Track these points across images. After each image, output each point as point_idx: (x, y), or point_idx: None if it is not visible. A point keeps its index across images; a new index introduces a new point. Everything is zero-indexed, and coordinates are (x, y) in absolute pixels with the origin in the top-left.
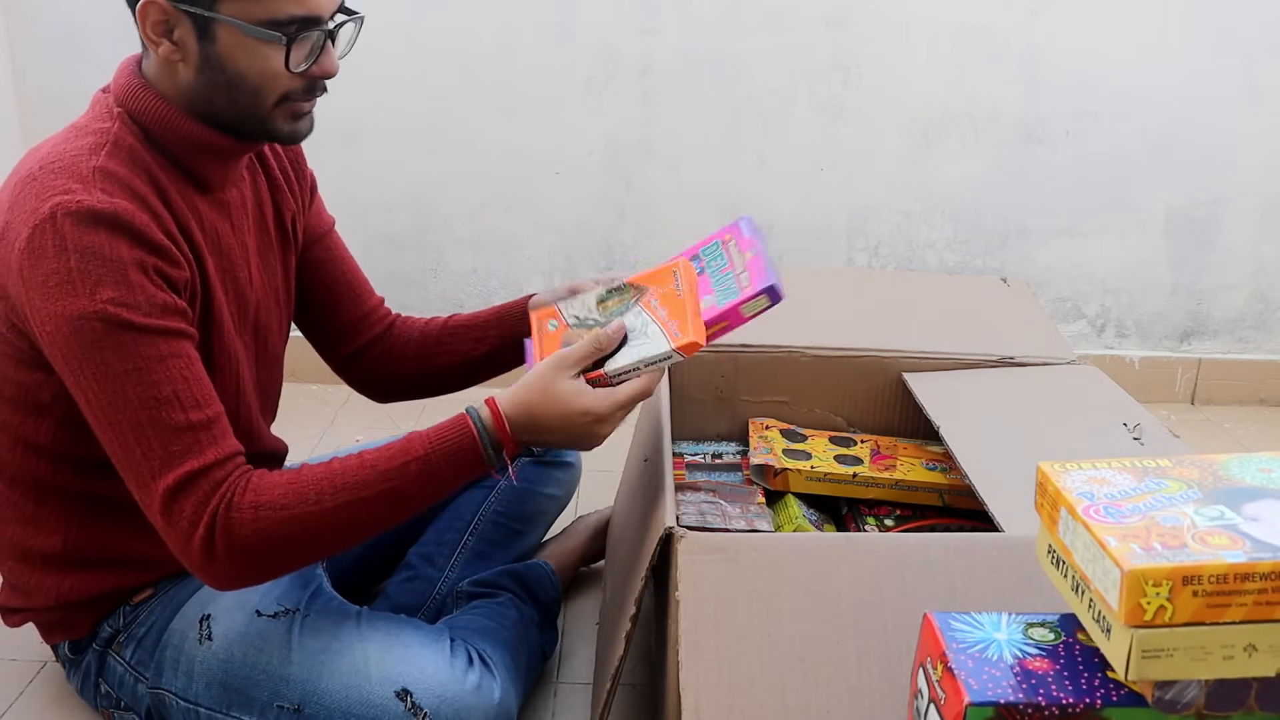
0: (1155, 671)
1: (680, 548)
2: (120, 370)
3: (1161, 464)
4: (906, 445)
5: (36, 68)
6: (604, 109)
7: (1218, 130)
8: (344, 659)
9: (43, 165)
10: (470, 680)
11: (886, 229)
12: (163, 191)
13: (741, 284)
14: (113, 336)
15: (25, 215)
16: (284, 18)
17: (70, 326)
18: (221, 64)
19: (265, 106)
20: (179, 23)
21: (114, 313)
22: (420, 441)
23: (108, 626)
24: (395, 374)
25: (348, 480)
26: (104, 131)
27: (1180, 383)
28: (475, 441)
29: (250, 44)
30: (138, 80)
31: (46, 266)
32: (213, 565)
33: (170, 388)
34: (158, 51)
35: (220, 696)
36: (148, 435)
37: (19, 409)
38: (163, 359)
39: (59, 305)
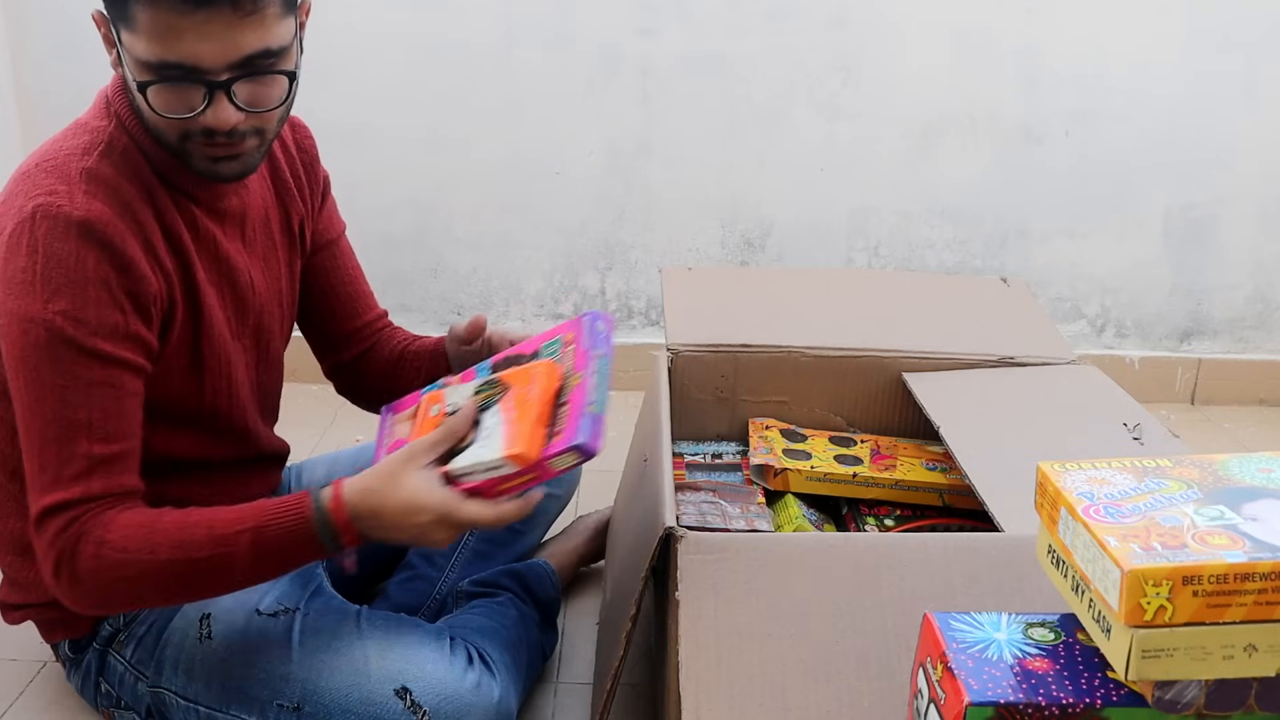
0: (1155, 671)
1: (680, 548)
2: (49, 382)
3: (1161, 464)
4: (906, 445)
5: (36, 68)
6: (604, 109)
7: (1218, 130)
8: (344, 657)
9: (38, 162)
10: (470, 679)
11: (886, 229)
12: (153, 196)
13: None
14: (53, 349)
15: (13, 211)
16: (154, 60)
17: (19, 325)
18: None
19: (171, 142)
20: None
21: (60, 325)
22: (258, 513)
23: (108, 625)
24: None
25: (184, 538)
26: (100, 130)
27: (1180, 383)
28: (309, 524)
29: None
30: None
31: (16, 263)
32: (59, 589)
33: (87, 413)
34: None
35: (220, 695)
36: (50, 451)
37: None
38: (92, 384)
39: (15, 302)
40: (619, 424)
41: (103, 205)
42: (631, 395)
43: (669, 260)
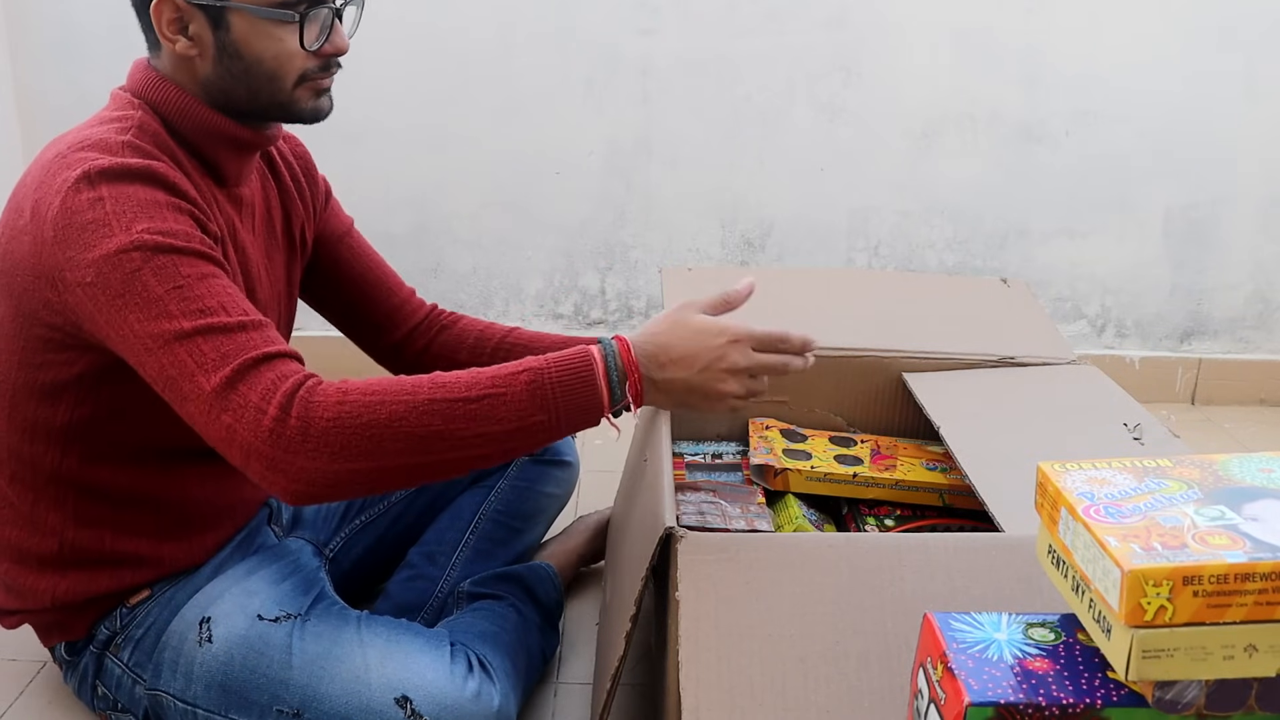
0: (1155, 672)
1: (680, 548)
2: (161, 291)
3: (1161, 464)
4: (906, 445)
5: (36, 68)
6: (604, 109)
7: (1217, 130)
8: (344, 664)
9: (70, 146)
10: (470, 687)
11: (886, 229)
12: (187, 175)
13: None
14: (152, 262)
15: (57, 185)
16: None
17: (110, 264)
18: (239, 51)
19: (285, 89)
20: (193, 18)
21: (151, 239)
22: (537, 358)
23: (104, 629)
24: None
25: (452, 379)
26: (128, 118)
27: (1180, 383)
28: (595, 363)
29: (264, 27)
30: (154, 74)
31: (82, 220)
32: (280, 450)
33: (215, 299)
34: (175, 49)
35: (219, 699)
36: (197, 342)
37: (35, 394)
38: (204, 277)
39: (98, 249)
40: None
41: (155, 161)
42: None
43: (669, 260)
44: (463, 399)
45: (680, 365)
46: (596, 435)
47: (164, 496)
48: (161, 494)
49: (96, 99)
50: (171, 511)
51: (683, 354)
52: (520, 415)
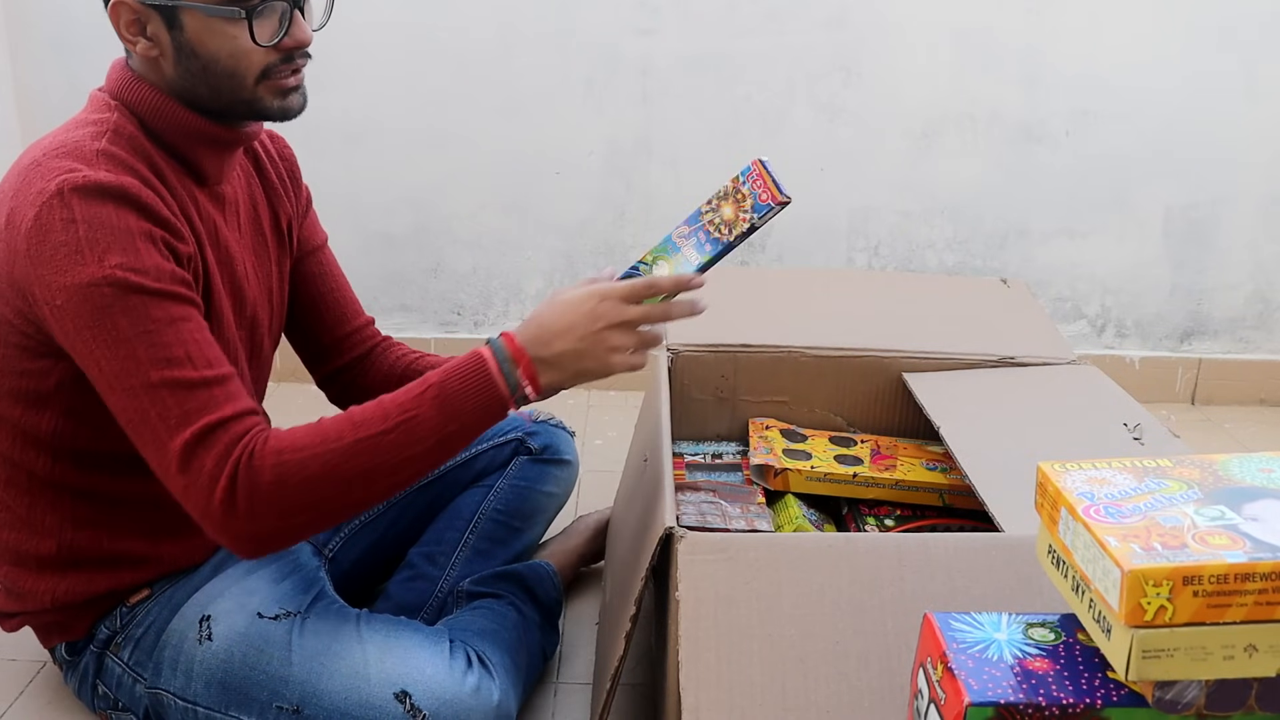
0: (1155, 672)
1: (680, 548)
2: (130, 334)
3: (1161, 464)
4: (906, 445)
5: (36, 66)
6: (604, 109)
7: (1217, 130)
8: (343, 660)
9: (45, 152)
10: (469, 682)
11: (886, 229)
12: (163, 178)
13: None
14: (122, 301)
15: (31, 197)
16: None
17: (80, 295)
18: (194, 50)
19: (247, 86)
20: (149, 18)
21: (123, 277)
22: (436, 373)
23: (104, 628)
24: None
25: (366, 417)
26: (103, 121)
27: (1180, 383)
28: (486, 361)
29: (215, 25)
30: (129, 74)
31: (54, 240)
32: (235, 521)
33: (182, 349)
34: (136, 50)
35: (219, 696)
36: (162, 395)
37: (20, 401)
38: (173, 321)
39: (68, 276)
40: (619, 424)
41: (128, 175)
42: (631, 395)
43: None
44: (381, 432)
45: (563, 338)
46: (596, 435)
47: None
48: (158, 495)
49: None
50: (169, 512)
51: (562, 327)
52: (435, 431)
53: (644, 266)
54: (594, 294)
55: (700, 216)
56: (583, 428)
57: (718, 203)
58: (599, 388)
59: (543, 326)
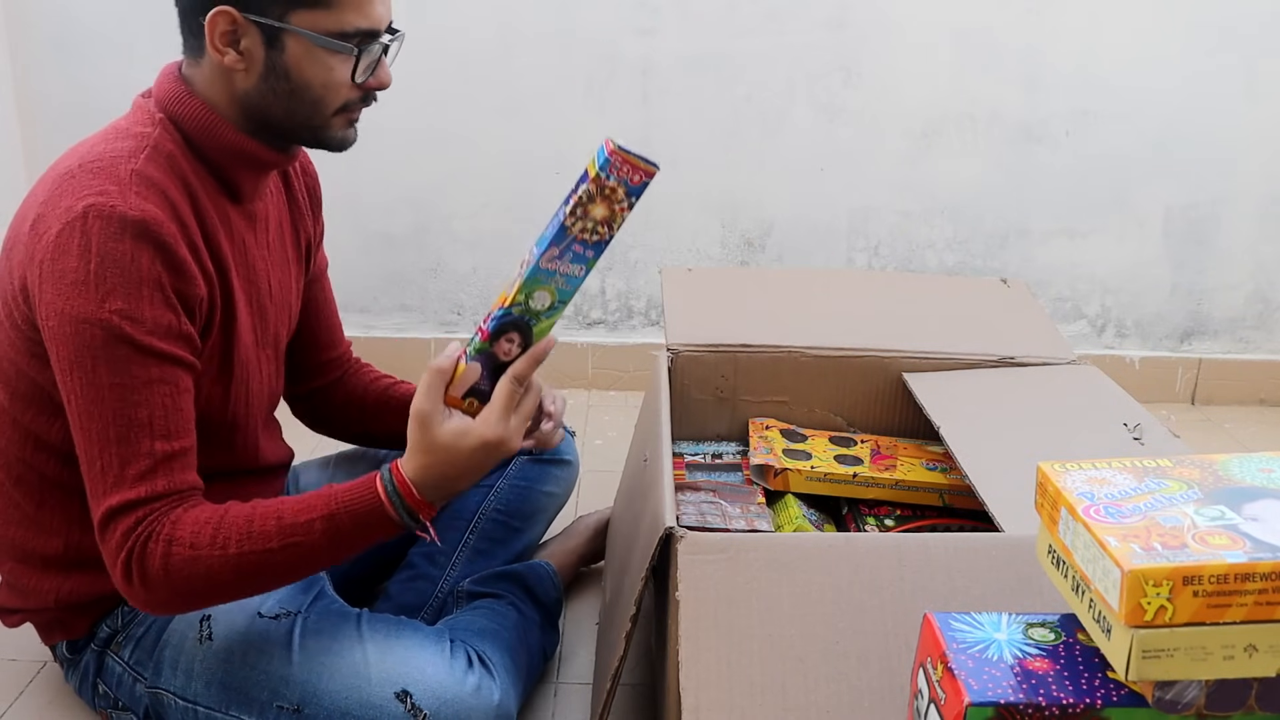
0: (1155, 672)
1: (680, 548)
2: (107, 382)
3: (1161, 464)
4: (906, 445)
5: (37, 67)
6: (604, 109)
7: (1217, 130)
8: (344, 660)
9: (81, 164)
10: (470, 682)
11: (886, 229)
12: (196, 200)
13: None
14: (109, 348)
15: (59, 211)
16: (351, 30)
17: (73, 326)
18: (288, 73)
19: (324, 115)
20: (247, 33)
21: (117, 325)
22: (327, 500)
23: (106, 627)
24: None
25: (255, 529)
26: (144, 136)
27: (1180, 383)
28: (383, 508)
29: (319, 54)
30: (182, 87)
31: (67, 263)
32: (132, 592)
33: (148, 412)
34: (222, 60)
35: (220, 696)
36: (111, 451)
37: (31, 405)
38: (150, 382)
39: (68, 303)
40: (619, 424)
41: (155, 206)
42: (632, 395)
43: (669, 260)
44: (267, 550)
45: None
46: (596, 435)
47: None
48: None
49: (96, 96)
50: None
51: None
52: (323, 554)
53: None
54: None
55: (566, 232)
56: (583, 428)
57: (583, 209)
58: (599, 388)
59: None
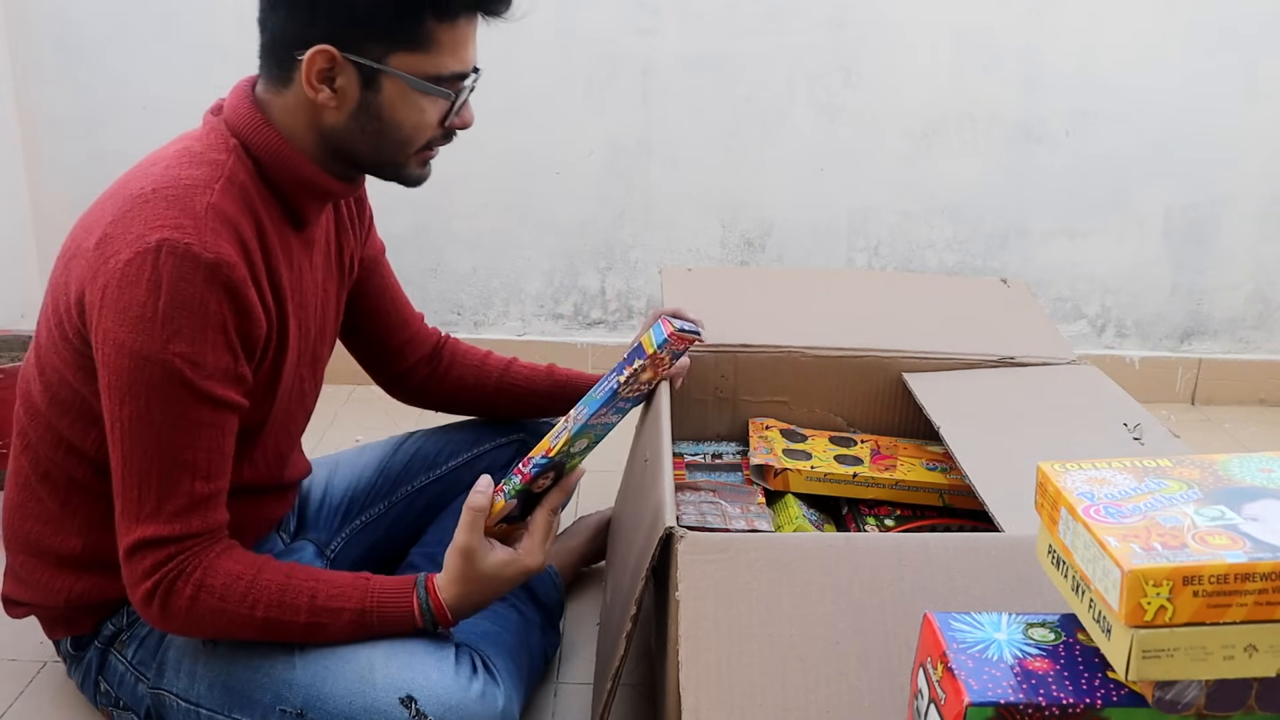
0: (1155, 672)
1: (680, 548)
2: (160, 420)
3: (1161, 464)
4: (906, 445)
5: (37, 68)
6: (604, 109)
7: (1217, 130)
8: (349, 664)
9: (156, 189)
10: (475, 688)
11: (886, 229)
12: (263, 233)
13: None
14: (166, 388)
15: (131, 238)
16: (447, 73)
17: (131, 360)
18: (380, 113)
19: (408, 153)
20: (344, 71)
21: (179, 368)
22: (362, 596)
23: (110, 625)
24: (448, 400)
25: (288, 600)
26: (219, 164)
27: (1180, 383)
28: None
29: (414, 97)
30: (258, 114)
31: (134, 296)
32: (146, 613)
33: (193, 453)
34: (315, 97)
35: (222, 698)
36: (151, 485)
37: (69, 412)
38: (200, 425)
39: (130, 336)
40: (620, 425)
41: (230, 246)
42: None
43: (669, 260)
44: (292, 621)
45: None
46: None
47: None
48: None
49: (96, 98)
50: None
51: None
52: (339, 638)
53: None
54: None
55: (616, 395)
56: None
57: (635, 377)
58: None
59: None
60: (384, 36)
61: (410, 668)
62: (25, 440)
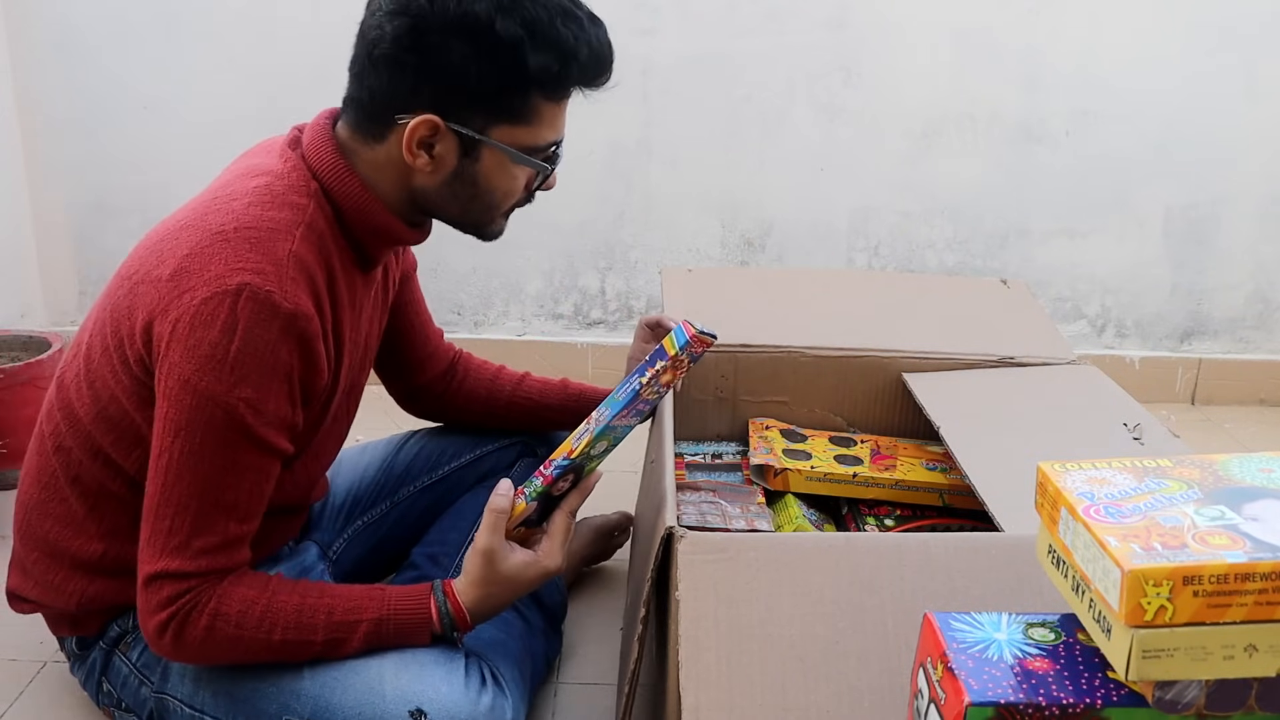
0: (1155, 672)
1: (680, 548)
2: (210, 459)
3: (1161, 464)
4: (906, 445)
5: (37, 68)
6: (604, 109)
7: (1217, 130)
8: (358, 675)
9: (238, 228)
10: (484, 702)
11: (886, 229)
12: (333, 281)
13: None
14: (225, 431)
15: (210, 276)
16: (543, 144)
17: (194, 398)
18: (475, 180)
19: (496, 215)
20: (444, 139)
21: (242, 413)
22: (379, 605)
23: (116, 626)
24: (460, 414)
25: (305, 621)
26: (301, 209)
27: (1180, 383)
28: (432, 623)
29: (510, 167)
30: (342, 161)
31: (208, 335)
32: (158, 646)
33: (235, 495)
34: (413, 162)
35: (228, 706)
36: (186, 519)
37: (114, 430)
38: (249, 469)
39: (197, 375)
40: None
41: (307, 298)
42: None
43: (669, 260)
44: (309, 641)
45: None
46: None
47: None
48: None
49: (96, 98)
50: None
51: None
52: (354, 651)
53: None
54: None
55: (637, 396)
56: None
57: (656, 378)
58: None
59: (490, 598)
60: (489, 109)
61: (420, 680)
62: (58, 442)
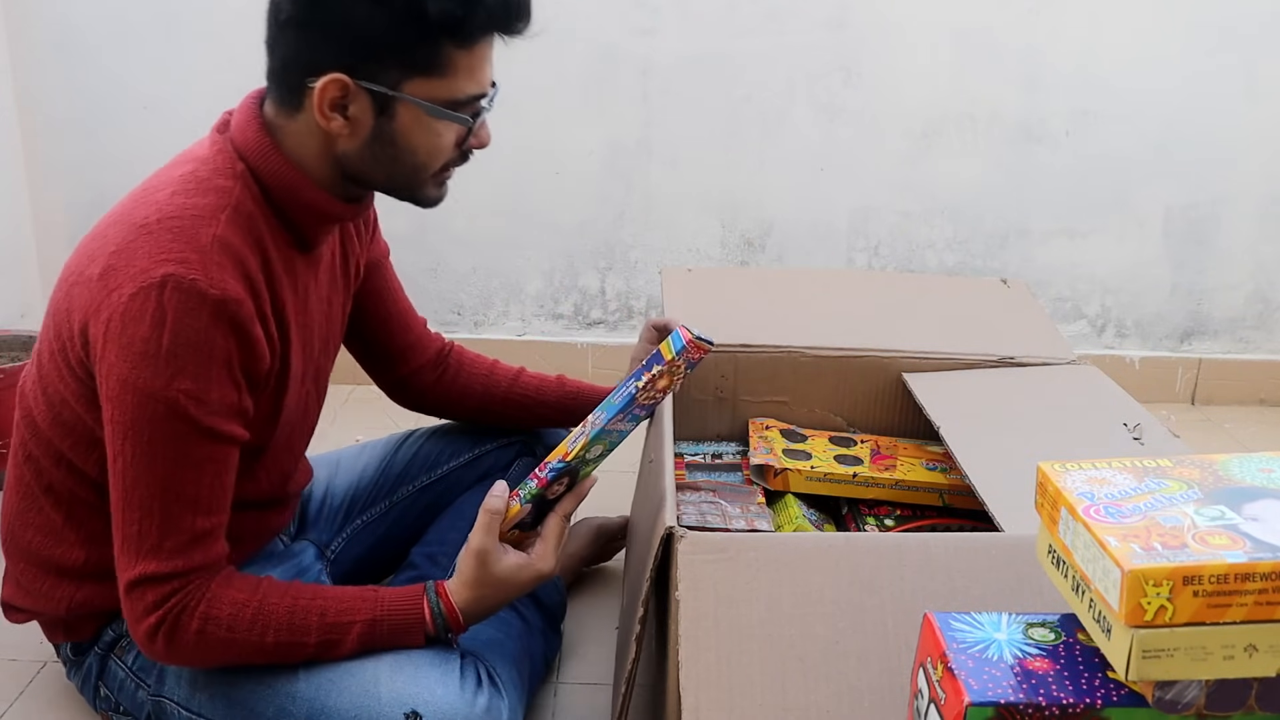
0: (1155, 672)
1: (680, 548)
2: (162, 455)
3: (1161, 464)
4: (906, 445)
5: (37, 67)
6: (604, 109)
7: (1217, 130)
8: (353, 677)
9: (161, 218)
10: (480, 703)
11: (886, 229)
12: (268, 263)
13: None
14: (169, 424)
15: (135, 271)
16: (463, 97)
17: (135, 396)
18: (394, 139)
19: (425, 178)
20: (357, 99)
21: (183, 405)
22: (372, 606)
23: (111, 631)
24: (454, 407)
25: (297, 622)
26: (226, 192)
27: (1180, 383)
28: (426, 624)
29: (429, 122)
30: (267, 140)
31: (138, 332)
32: (150, 650)
33: (195, 489)
34: (327, 125)
35: (224, 708)
36: (152, 520)
37: (70, 435)
38: (202, 461)
39: (134, 372)
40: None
41: (235, 282)
42: None
43: (669, 260)
44: (302, 643)
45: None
46: None
47: None
48: None
49: (96, 98)
50: None
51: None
52: (347, 653)
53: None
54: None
55: (633, 401)
56: None
57: (652, 383)
58: None
59: (483, 599)
60: (398, 63)
61: (416, 682)
62: (27, 452)
